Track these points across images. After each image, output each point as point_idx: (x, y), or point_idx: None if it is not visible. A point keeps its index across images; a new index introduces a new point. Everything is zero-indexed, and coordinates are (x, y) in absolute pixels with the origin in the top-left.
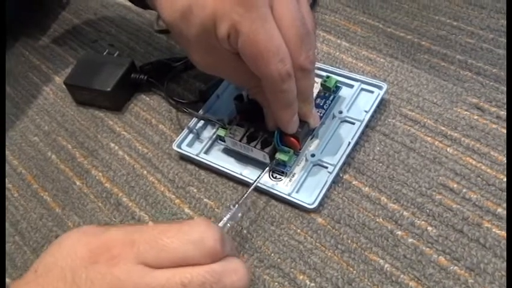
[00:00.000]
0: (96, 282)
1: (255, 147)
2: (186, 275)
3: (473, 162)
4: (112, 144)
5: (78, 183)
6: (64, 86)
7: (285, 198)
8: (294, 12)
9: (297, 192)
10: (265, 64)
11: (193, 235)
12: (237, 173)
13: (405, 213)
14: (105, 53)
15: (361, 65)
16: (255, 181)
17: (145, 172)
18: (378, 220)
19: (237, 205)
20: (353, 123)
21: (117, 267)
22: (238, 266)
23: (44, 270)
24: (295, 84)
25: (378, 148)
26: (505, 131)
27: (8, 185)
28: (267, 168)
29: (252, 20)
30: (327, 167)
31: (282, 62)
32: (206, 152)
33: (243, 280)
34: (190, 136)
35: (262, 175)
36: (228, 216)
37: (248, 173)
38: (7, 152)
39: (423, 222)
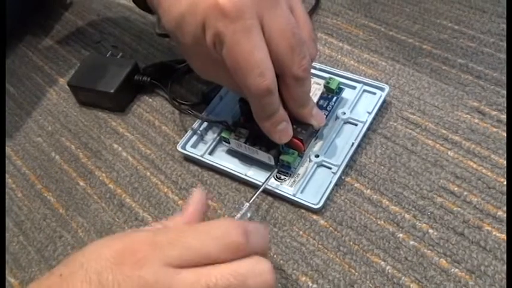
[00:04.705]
0: (123, 284)
1: (260, 149)
2: (211, 278)
3: (474, 166)
4: (115, 145)
5: (81, 183)
6: (67, 87)
7: (290, 198)
8: (285, 23)
9: (301, 192)
10: (244, 77)
11: (215, 231)
12: (241, 174)
13: (406, 215)
14: (108, 55)
15: (363, 68)
16: (263, 183)
17: (148, 173)
18: (379, 222)
19: (247, 204)
20: (356, 125)
21: (143, 270)
22: (264, 267)
23: (68, 273)
24: (277, 98)
25: (380, 151)
26: (505, 134)
27: (12, 185)
28: (275, 170)
29: (235, 31)
30: (330, 168)
31: (261, 76)
32: (210, 153)
33: (269, 284)
34: (195, 137)
35: (270, 177)
36: (238, 215)
37: (253, 174)
38: (11, 153)
39: (424, 224)
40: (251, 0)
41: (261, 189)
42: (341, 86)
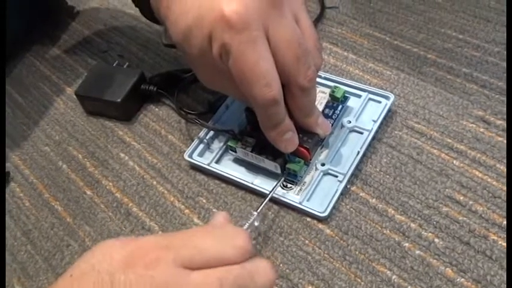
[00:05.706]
0: (135, 284)
1: (266, 158)
2: (222, 271)
3: (480, 175)
4: (122, 155)
5: (88, 192)
6: (74, 96)
7: (297, 206)
8: (290, 34)
9: (308, 200)
10: (250, 87)
11: (224, 234)
12: (248, 183)
13: (412, 225)
14: (115, 64)
15: (368, 77)
16: (270, 192)
17: (155, 182)
18: (385, 232)
19: (255, 213)
20: (361, 133)
21: (156, 270)
22: (268, 266)
23: (79, 275)
24: (283, 108)
25: (385, 160)
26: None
27: (19, 194)
28: (282, 179)
29: (241, 42)
30: (336, 176)
31: (267, 86)
32: (217, 162)
33: (272, 280)
34: (201, 146)
35: (277, 186)
36: (246, 224)
37: (259, 182)
38: (19, 162)
39: (430, 234)
40: (257, 12)
41: (268, 198)
42: (346, 95)
